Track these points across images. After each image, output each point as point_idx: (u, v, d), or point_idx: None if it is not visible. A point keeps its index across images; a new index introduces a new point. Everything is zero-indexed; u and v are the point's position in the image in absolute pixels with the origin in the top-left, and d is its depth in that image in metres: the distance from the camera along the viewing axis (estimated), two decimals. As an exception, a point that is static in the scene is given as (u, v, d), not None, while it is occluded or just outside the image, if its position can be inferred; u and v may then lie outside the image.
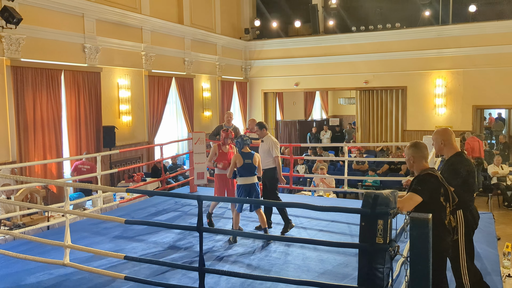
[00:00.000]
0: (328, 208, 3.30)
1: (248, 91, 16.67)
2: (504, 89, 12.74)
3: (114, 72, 10.59)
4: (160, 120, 12.00)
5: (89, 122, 9.63)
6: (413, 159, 3.60)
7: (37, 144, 8.44)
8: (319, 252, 5.53)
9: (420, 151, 3.60)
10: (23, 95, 8.19)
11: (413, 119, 14.07)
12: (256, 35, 16.41)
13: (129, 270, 4.95)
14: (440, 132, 4.09)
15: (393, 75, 14.25)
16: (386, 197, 2.90)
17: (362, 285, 2.98)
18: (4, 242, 6.14)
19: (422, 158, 3.58)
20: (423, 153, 3.60)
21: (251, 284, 4.55)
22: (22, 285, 4.67)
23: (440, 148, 4.05)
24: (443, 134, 4.05)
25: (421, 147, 3.62)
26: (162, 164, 9.76)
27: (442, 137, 4.03)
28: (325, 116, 21.83)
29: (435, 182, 3.43)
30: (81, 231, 6.44)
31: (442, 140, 4.01)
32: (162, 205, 8.08)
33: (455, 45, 13.18)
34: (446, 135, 4.03)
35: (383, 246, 2.89)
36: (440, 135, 4.05)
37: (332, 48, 14.97)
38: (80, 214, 4.88)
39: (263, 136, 6.68)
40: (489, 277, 4.78)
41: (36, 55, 8.54)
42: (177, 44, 12.76)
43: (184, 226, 4.83)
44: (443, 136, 4.04)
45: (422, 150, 3.61)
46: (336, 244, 3.50)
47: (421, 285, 2.81)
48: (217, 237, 6.12)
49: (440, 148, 4.04)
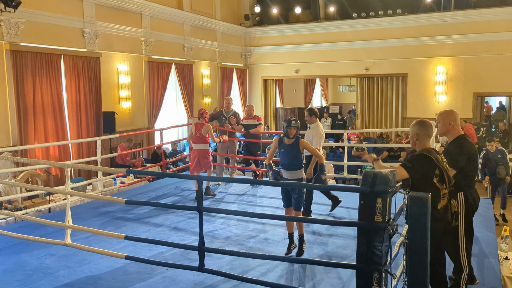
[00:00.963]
0: (327, 187, 3.32)
1: (248, 78, 16.62)
2: (505, 76, 12.70)
3: (113, 58, 10.55)
4: (160, 106, 11.99)
5: (89, 108, 9.62)
6: (416, 136, 3.53)
7: (38, 129, 8.45)
8: (318, 235, 5.58)
9: (425, 129, 3.53)
10: (22, 80, 8.17)
11: (413, 107, 14.06)
12: (256, 22, 16.30)
13: (129, 251, 5.00)
14: (449, 113, 3.96)
15: (393, 62, 14.19)
16: (385, 175, 2.92)
17: (361, 263, 3.01)
18: (6, 224, 6.19)
19: (426, 136, 3.52)
20: (427, 131, 3.53)
21: (250, 265, 4.61)
22: (24, 265, 4.72)
23: (447, 129, 3.91)
24: (452, 114, 3.94)
25: (426, 126, 3.54)
26: (162, 149, 9.78)
27: (451, 117, 3.91)
28: (325, 103, 21.80)
29: (429, 163, 3.39)
30: (82, 214, 6.48)
31: (450, 121, 3.89)
32: (163, 190, 8.11)
33: (456, 31, 13.11)
34: (455, 116, 3.93)
35: (382, 225, 2.91)
36: (449, 115, 3.92)
37: (333, 34, 14.89)
38: (81, 194, 4.92)
39: (312, 123, 6.64)
40: (486, 260, 4.84)
41: (35, 39, 8.49)
42: (177, 30, 12.69)
43: (184, 206, 4.86)
44: (452, 116, 3.92)
45: (427, 128, 3.54)
46: (335, 222, 3.52)
47: (419, 263, 2.84)
48: (217, 221, 6.16)
49: (448, 129, 3.91)
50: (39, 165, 6.91)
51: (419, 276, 2.82)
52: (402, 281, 3.09)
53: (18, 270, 4.59)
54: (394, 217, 3.07)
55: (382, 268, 2.93)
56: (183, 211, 6.44)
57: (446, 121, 3.92)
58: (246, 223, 6.03)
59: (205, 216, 6.05)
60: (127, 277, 4.39)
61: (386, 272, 2.98)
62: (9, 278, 4.40)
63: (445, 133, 3.97)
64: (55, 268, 4.62)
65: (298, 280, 4.25)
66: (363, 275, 3.01)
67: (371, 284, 2.97)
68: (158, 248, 5.09)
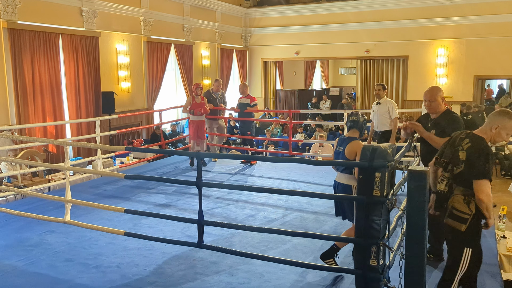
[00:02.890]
0: (326, 162, 3.32)
1: (247, 60, 16.51)
2: (506, 59, 12.61)
3: (112, 37, 10.45)
4: (159, 87, 11.94)
5: (88, 87, 9.57)
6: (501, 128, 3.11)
7: (37, 108, 8.43)
8: (316, 214, 5.61)
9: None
10: (21, 58, 8.11)
11: (413, 89, 13.99)
12: (257, 2, 16.13)
13: (129, 228, 5.04)
14: (439, 88, 4.04)
15: (394, 44, 14.08)
16: (384, 150, 2.92)
17: (359, 237, 3.03)
18: (5, 202, 6.21)
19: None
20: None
21: (249, 242, 4.64)
22: (24, 241, 4.75)
23: (441, 106, 3.98)
24: (441, 90, 4.04)
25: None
26: (161, 130, 9.77)
27: (441, 93, 4.02)
28: (325, 86, 21.69)
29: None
30: (81, 192, 6.49)
31: (442, 97, 4.00)
32: (162, 170, 8.12)
33: (458, 13, 12.97)
34: (441, 92, 4.02)
35: (380, 199, 2.92)
36: (440, 91, 4.01)
37: (334, 16, 14.74)
38: (80, 170, 4.92)
39: (381, 97, 6.72)
40: (484, 239, 4.85)
41: (33, 17, 8.41)
42: (176, 9, 12.56)
43: (183, 181, 4.87)
44: (442, 92, 4.03)
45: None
46: (334, 196, 3.53)
47: (417, 237, 2.85)
48: (215, 200, 6.19)
49: (442, 106, 3.98)
50: (38, 143, 6.90)
51: (416, 249, 2.84)
52: (400, 255, 3.12)
53: (18, 246, 4.63)
54: (393, 191, 3.08)
55: (380, 242, 2.95)
56: (183, 192, 6.47)
57: (439, 98, 3.98)
58: (244, 203, 6.06)
59: (203, 195, 6.10)
60: (127, 253, 4.42)
61: (384, 246, 3.00)
62: (10, 254, 4.44)
63: (436, 110, 3.98)
64: (56, 244, 4.66)
65: (298, 257, 4.28)
66: (361, 249, 3.04)
67: (369, 257, 2.99)
68: (158, 225, 5.12)
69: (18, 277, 3.98)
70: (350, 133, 3.95)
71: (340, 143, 3.94)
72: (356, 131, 3.95)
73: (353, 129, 3.94)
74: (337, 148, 3.93)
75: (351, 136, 3.92)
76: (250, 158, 4.03)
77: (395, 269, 3.19)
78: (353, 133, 3.94)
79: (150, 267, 4.14)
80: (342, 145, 3.88)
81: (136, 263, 4.22)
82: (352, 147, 3.79)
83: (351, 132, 3.95)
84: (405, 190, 2.88)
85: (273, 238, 4.70)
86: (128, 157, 8.69)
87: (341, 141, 3.96)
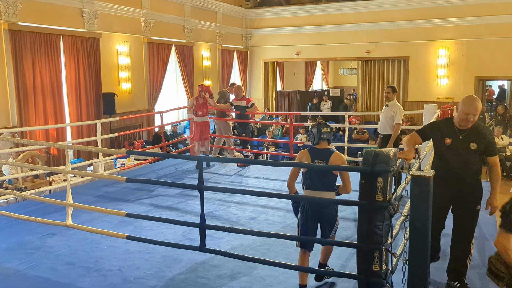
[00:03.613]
0: (328, 167, 3.31)
1: (248, 60, 16.49)
2: (507, 60, 12.57)
3: (113, 38, 10.44)
4: (160, 88, 11.92)
5: (88, 89, 9.56)
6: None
7: (38, 109, 8.41)
8: (318, 216, 5.59)
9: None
10: (21, 60, 8.10)
11: (414, 90, 13.97)
12: (257, 3, 16.10)
13: (130, 231, 5.03)
14: (479, 100, 3.69)
15: (395, 45, 14.05)
16: (386, 154, 2.90)
17: (362, 242, 3.01)
18: (6, 204, 6.20)
19: None
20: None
21: (251, 245, 4.63)
22: (26, 244, 4.74)
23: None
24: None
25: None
26: (163, 131, 9.76)
27: None
28: (326, 86, 21.69)
29: None
30: (82, 195, 6.48)
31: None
32: (163, 171, 8.12)
33: (459, 14, 12.94)
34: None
35: (383, 204, 2.91)
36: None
37: (334, 17, 14.71)
38: (81, 173, 4.91)
39: (392, 100, 6.56)
40: (487, 242, 4.87)
41: (34, 19, 8.40)
42: (177, 10, 12.55)
43: (185, 184, 4.86)
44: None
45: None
46: (336, 201, 3.52)
47: (420, 241, 2.84)
48: (216, 203, 6.18)
49: None
50: (39, 146, 6.89)
51: (420, 254, 2.83)
52: (403, 260, 3.11)
53: (19, 249, 4.62)
54: (395, 196, 3.07)
55: (382, 247, 2.94)
56: (184, 194, 6.45)
57: None
58: (246, 205, 6.05)
59: (204, 198, 6.09)
60: (128, 256, 4.42)
61: (387, 251, 2.99)
62: (11, 257, 4.43)
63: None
64: (57, 247, 4.65)
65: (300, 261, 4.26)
66: (364, 254, 3.03)
67: (371, 262, 2.98)
68: (159, 228, 5.11)
69: (19, 281, 3.97)
70: (324, 144, 3.69)
71: (316, 156, 3.65)
72: (327, 142, 3.72)
73: (326, 140, 3.70)
74: (315, 161, 3.63)
75: (326, 147, 3.68)
76: (249, 162, 4.02)
77: (398, 274, 3.18)
78: (326, 144, 3.71)
79: (152, 270, 4.14)
80: (320, 158, 3.62)
81: (137, 266, 4.22)
82: (335, 160, 3.61)
83: (325, 144, 3.70)
84: (407, 194, 2.87)
85: (275, 241, 4.69)
86: (129, 158, 8.69)
87: (316, 153, 3.66)
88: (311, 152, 3.68)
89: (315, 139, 3.70)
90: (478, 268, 4.17)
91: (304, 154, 3.71)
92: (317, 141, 3.69)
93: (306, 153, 3.70)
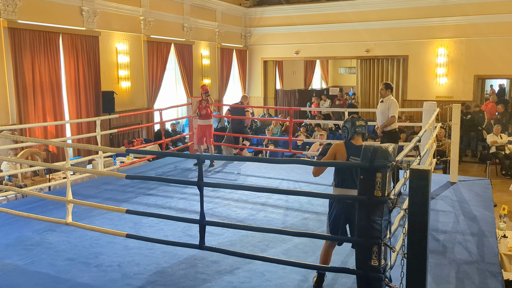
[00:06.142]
0: (325, 163, 3.32)
1: (247, 59, 16.50)
2: (507, 58, 12.60)
3: (112, 37, 10.45)
4: (159, 87, 11.93)
5: (88, 87, 9.57)
6: None
7: (37, 107, 8.42)
8: (317, 214, 5.61)
9: None
10: (21, 58, 8.11)
11: (414, 89, 13.98)
12: (257, 2, 16.11)
13: (129, 227, 5.04)
14: None
15: (395, 44, 14.07)
16: (385, 150, 2.91)
17: (361, 237, 3.02)
18: (6, 201, 6.21)
19: None
20: None
21: (250, 241, 4.64)
22: (25, 240, 4.75)
23: None
24: None
25: None
26: (163, 128, 9.76)
27: None
28: (325, 85, 21.70)
29: None
30: (82, 192, 6.50)
31: None
32: (162, 169, 8.13)
33: (459, 13, 12.96)
34: None
35: (382, 199, 2.92)
36: None
37: (334, 15, 14.73)
38: (81, 170, 4.92)
39: (386, 96, 6.63)
40: (485, 239, 4.88)
41: (33, 17, 8.40)
42: (176, 9, 12.55)
43: (185, 181, 4.87)
44: None
45: None
46: (335, 196, 3.53)
47: (419, 236, 2.85)
48: (215, 200, 6.19)
49: None
50: (39, 143, 6.90)
51: (418, 248, 2.84)
52: (402, 254, 3.12)
53: (19, 245, 4.63)
54: (394, 191, 3.08)
55: (381, 241, 2.95)
56: (184, 192, 6.46)
57: None
58: (245, 203, 6.06)
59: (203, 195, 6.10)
60: (128, 252, 4.43)
61: (386, 246, 3.00)
62: (11, 253, 4.44)
63: None
64: (56, 243, 4.66)
65: (299, 256, 4.28)
66: (363, 249, 3.04)
67: (370, 257, 2.99)
68: (159, 225, 5.12)
69: (19, 276, 3.98)
70: (359, 139, 3.51)
71: (352, 152, 3.43)
72: (361, 137, 3.56)
73: (361, 135, 3.52)
74: (351, 157, 3.42)
75: (362, 144, 3.40)
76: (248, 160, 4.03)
77: (397, 268, 3.20)
78: (361, 140, 3.52)
79: (151, 266, 4.15)
80: (356, 155, 3.34)
81: (137, 262, 4.23)
82: None
83: (359, 139, 3.51)
84: (407, 190, 2.88)
85: (274, 238, 4.70)
86: (128, 156, 8.69)
87: (352, 149, 3.44)
88: (347, 146, 3.47)
89: (349, 133, 3.50)
90: (476, 264, 4.19)
91: (340, 147, 3.46)
92: (351, 135, 3.50)
93: (342, 147, 3.46)
